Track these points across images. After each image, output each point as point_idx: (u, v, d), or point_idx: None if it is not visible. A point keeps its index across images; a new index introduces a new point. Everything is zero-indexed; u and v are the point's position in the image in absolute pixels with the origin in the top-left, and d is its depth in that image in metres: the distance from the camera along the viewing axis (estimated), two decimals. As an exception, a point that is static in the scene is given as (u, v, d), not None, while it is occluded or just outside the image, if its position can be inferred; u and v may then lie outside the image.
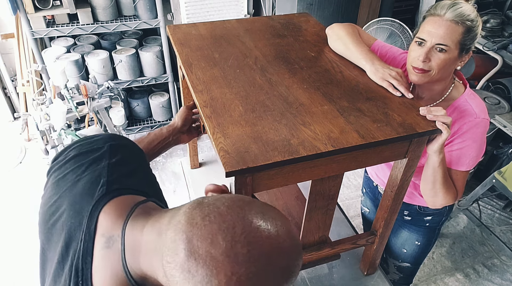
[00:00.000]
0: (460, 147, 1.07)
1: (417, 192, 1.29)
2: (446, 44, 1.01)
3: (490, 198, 2.68)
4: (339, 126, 0.85)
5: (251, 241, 0.45)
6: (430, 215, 1.35)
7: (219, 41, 1.21)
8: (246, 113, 0.89)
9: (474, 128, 1.05)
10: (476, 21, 1.02)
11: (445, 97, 1.13)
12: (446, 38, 1.01)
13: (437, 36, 1.01)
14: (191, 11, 2.66)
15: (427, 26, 1.04)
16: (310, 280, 1.25)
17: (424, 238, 1.42)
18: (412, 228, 1.41)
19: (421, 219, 1.37)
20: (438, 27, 1.01)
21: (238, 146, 0.79)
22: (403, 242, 1.46)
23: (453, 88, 1.13)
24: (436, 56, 1.03)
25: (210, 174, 1.64)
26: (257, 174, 0.79)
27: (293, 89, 0.98)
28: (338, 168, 0.87)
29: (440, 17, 1.01)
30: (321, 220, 1.09)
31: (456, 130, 1.07)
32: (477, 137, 1.06)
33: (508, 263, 2.31)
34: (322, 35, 1.27)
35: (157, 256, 0.50)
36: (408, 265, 1.51)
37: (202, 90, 0.97)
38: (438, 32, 1.01)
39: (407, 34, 2.73)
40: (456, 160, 1.09)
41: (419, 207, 1.34)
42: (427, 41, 1.03)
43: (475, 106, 1.08)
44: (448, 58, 1.02)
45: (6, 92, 3.26)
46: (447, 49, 1.01)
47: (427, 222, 1.37)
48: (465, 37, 1.01)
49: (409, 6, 3.38)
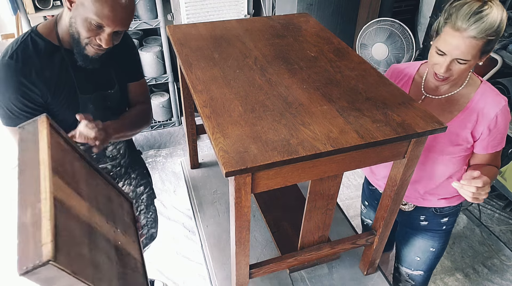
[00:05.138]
0: (497, 133, 1.12)
1: (431, 194, 1.29)
2: (467, 59, 1.01)
3: (489, 198, 2.68)
4: (338, 126, 0.86)
5: None
6: (446, 216, 1.35)
7: (219, 41, 1.21)
8: (246, 113, 0.89)
9: (505, 112, 1.11)
10: (502, 28, 0.98)
11: (462, 87, 1.15)
12: (468, 54, 1.00)
13: (458, 52, 1.00)
14: (191, 11, 2.66)
15: (447, 38, 1.01)
16: (310, 280, 1.26)
17: (439, 243, 1.40)
18: (427, 235, 1.40)
19: (438, 222, 1.36)
20: (459, 43, 0.99)
21: (237, 146, 0.79)
22: (416, 250, 1.44)
23: (470, 76, 1.15)
24: (456, 66, 1.04)
25: (210, 174, 1.64)
26: (256, 174, 0.79)
27: (293, 89, 0.98)
28: (338, 168, 0.87)
29: (461, 33, 0.98)
30: (321, 220, 1.09)
31: (491, 118, 1.10)
32: (507, 119, 1.12)
33: (508, 263, 2.31)
34: (322, 35, 1.27)
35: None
36: (421, 273, 1.49)
37: (201, 90, 0.97)
38: (460, 49, 1.00)
39: (407, 34, 2.73)
40: (496, 144, 1.15)
41: (435, 209, 1.33)
42: (447, 55, 1.02)
43: (496, 92, 1.13)
44: (468, 67, 1.04)
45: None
46: (467, 62, 1.02)
47: (444, 225, 1.37)
48: (487, 46, 1.00)
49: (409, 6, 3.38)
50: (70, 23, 1.03)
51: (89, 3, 0.97)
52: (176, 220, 2.56)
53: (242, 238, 0.93)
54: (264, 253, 1.34)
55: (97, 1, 0.96)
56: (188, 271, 2.25)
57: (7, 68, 1.02)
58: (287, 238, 1.29)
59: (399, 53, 2.81)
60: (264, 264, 1.06)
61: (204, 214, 1.46)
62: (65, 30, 1.06)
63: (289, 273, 1.26)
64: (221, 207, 1.49)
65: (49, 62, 1.07)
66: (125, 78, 1.29)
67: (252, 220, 1.44)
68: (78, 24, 1.01)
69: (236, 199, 0.82)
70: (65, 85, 1.10)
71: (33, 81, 1.04)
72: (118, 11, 0.99)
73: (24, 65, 1.03)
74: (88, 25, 1.00)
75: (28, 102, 1.05)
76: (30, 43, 1.05)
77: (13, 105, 1.04)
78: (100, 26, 1.00)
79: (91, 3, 0.97)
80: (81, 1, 0.98)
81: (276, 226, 1.33)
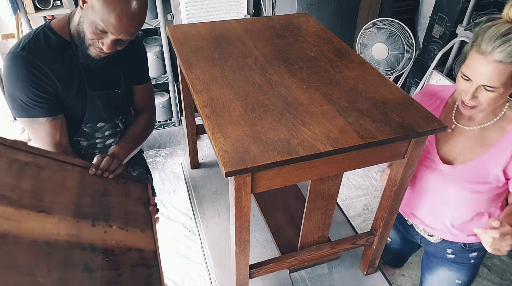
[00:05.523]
0: None
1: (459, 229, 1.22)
2: (493, 86, 0.93)
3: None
4: (338, 126, 0.86)
5: None
6: (475, 251, 1.26)
7: (219, 41, 1.21)
8: (246, 113, 0.89)
9: None
10: None
11: (498, 118, 1.04)
12: (494, 80, 0.92)
13: (483, 78, 0.93)
14: (191, 11, 2.66)
15: (472, 63, 0.94)
16: (310, 280, 1.26)
17: (466, 276, 1.32)
18: (454, 266, 1.31)
19: (466, 256, 1.28)
20: (484, 68, 0.91)
21: (237, 146, 0.79)
22: (440, 281, 1.37)
23: (508, 107, 1.04)
24: (484, 94, 0.96)
25: (210, 174, 1.64)
26: (256, 174, 0.79)
27: (293, 89, 0.98)
28: (338, 168, 0.87)
29: (486, 57, 0.90)
30: (321, 220, 1.09)
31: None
32: None
33: (508, 263, 2.31)
34: (322, 35, 1.27)
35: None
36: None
37: (201, 90, 0.97)
38: (484, 74, 0.92)
39: (407, 34, 2.73)
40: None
41: (463, 244, 1.26)
42: (472, 81, 0.95)
43: None
44: (497, 96, 0.95)
45: (6, 92, 3.26)
46: (495, 89, 0.93)
47: (472, 259, 1.28)
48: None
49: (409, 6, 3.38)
50: (78, 22, 1.05)
51: (98, 8, 0.98)
52: (176, 220, 2.56)
53: (242, 238, 0.93)
54: (264, 253, 1.34)
55: (105, 8, 0.97)
56: (188, 271, 2.25)
57: (19, 59, 1.04)
58: (287, 238, 1.29)
59: (399, 53, 2.81)
60: (264, 264, 1.06)
61: (204, 214, 1.46)
62: (75, 27, 1.08)
63: (289, 273, 1.26)
64: (221, 207, 1.49)
65: (59, 56, 1.09)
66: (131, 80, 1.31)
67: (252, 220, 1.44)
68: (85, 25, 1.03)
69: (236, 199, 0.82)
70: (74, 80, 1.12)
71: (44, 72, 1.06)
72: (124, 21, 0.99)
73: (35, 57, 1.05)
74: (94, 29, 1.01)
75: (40, 92, 1.07)
76: (42, 37, 1.08)
77: (26, 96, 1.06)
78: (104, 31, 1.01)
79: (100, 8, 0.98)
80: (92, 4, 0.99)
81: (276, 226, 1.33)
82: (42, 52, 1.06)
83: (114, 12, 0.97)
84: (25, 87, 1.05)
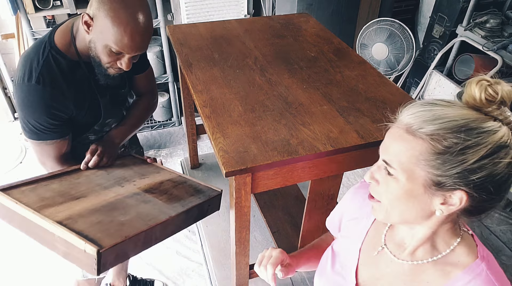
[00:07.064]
0: None
1: None
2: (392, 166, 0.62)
3: (490, 198, 2.68)
4: (338, 126, 0.85)
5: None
6: None
7: (219, 41, 1.21)
8: (246, 113, 0.89)
9: None
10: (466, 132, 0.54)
11: (442, 255, 0.68)
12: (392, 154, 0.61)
13: (383, 147, 0.63)
14: (191, 11, 2.66)
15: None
16: (310, 280, 1.25)
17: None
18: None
19: None
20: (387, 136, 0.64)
21: (237, 146, 0.79)
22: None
23: (457, 245, 0.69)
24: (382, 173, 0.66)
25: (210, 174, 1.64)
26: (256, 174, 0.79)
27: (293, 89, 0.98)
28: (338, 168, 0.87)
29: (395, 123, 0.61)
30: (321, 220, 1.09)
31: None
32: None
33: (508, 263, 2.31)
34: (322, 35, 1.27)
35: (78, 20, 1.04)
36: None
37: (201, 90, 0.97)
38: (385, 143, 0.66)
39: (407, 34, 2.73)
40: None
41: None
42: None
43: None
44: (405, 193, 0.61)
45: (6, 92, 3.26)
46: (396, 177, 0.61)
47: None
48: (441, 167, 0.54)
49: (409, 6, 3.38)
50: (89, 47, 1.03)
51: (108, 32, 0.96)
52: (176, 220, 2.56)
53: (242, 238, 0.93)
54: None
55: (116, 30, 0.95)
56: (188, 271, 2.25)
57: (35, 93, 1.02)
58: (287, 238, 1.29)
59: (399, 53, 2.81)
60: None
61: (204, 214, 1.46)
62: (83, 47, 1.06)
63: (289, 273, 1.26)
64: (221, 207, 1.49)
65: (73, 80, 1.08)
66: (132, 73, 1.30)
67: (252, 220, 1.44)
68: (99, 50, 1.01)
69: (236, 199, 0.82)
70: (86, 96, 1.13)
71: (61, 101, 1.06)
72: (137, 39, 0.98)
73: (52, 89, 1.03)
74: (108, 52, 1.00)
75: (55, 121, 1.07)
76: (53, 63, 1.05)
77: (39, 124, 1.06)
78: (120, 52, 1.00)
79: (111, 32, 0.96)
80: (99, 29, 0.97)
81: (276, 226, 1.33)
82: (57, 81, 1.04)
83: (125, 33, 0.96)
84: (41, 117, 1.04)
